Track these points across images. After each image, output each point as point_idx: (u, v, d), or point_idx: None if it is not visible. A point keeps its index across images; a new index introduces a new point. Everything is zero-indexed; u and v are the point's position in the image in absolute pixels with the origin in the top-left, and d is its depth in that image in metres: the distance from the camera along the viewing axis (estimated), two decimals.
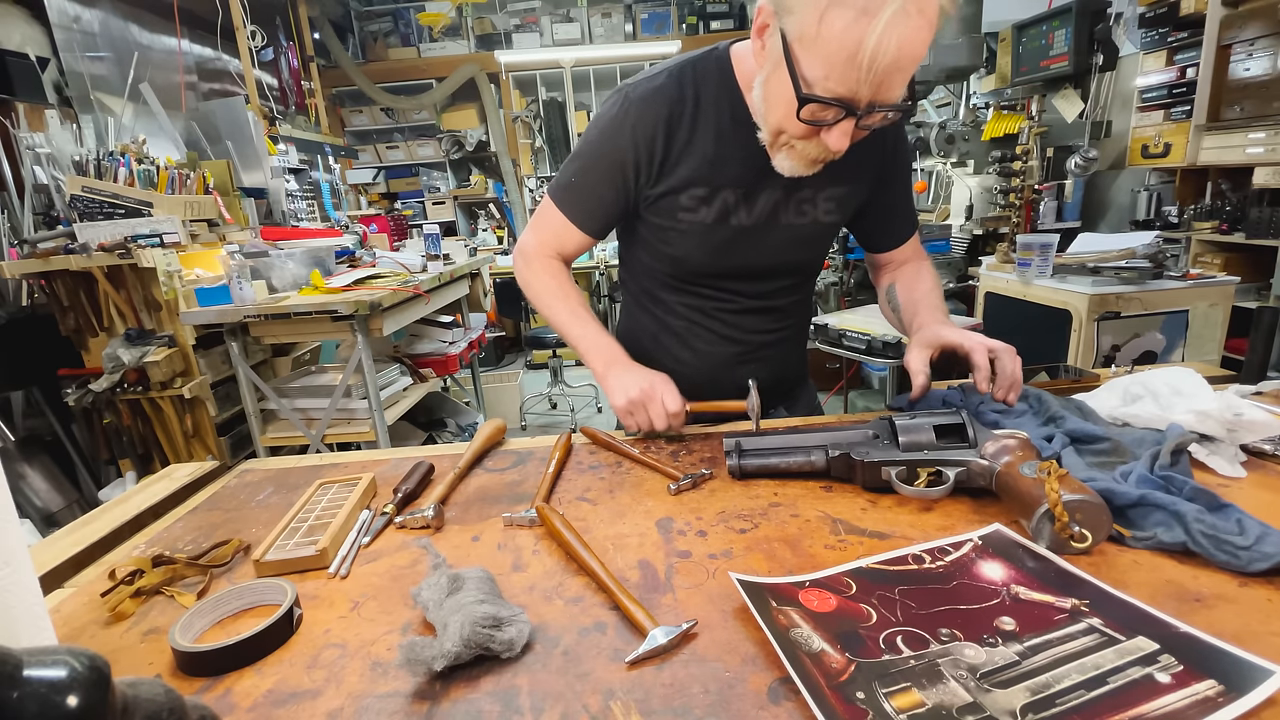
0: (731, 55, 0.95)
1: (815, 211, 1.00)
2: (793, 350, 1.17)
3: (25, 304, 2.71)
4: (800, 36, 0.73)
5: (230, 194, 3.08)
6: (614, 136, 0.96)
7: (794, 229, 1.01)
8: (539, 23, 6.03)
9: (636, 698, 0.47)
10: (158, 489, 0.90)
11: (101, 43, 3.25)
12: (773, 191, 0.97)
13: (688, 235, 1.00)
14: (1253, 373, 0.99)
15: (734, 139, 0.94)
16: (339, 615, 0.60)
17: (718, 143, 0.94)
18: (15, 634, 0.46)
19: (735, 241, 1.00)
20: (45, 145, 2.75)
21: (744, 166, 0.95)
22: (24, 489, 2.57)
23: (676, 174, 0.96)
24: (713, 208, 0.97)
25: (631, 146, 0.95)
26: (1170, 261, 2.48)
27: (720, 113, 0.94)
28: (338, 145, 5.30)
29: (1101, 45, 3.21)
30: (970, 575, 0.58)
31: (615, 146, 0.96)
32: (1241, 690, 0.42)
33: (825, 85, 0.73)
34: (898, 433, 0.77)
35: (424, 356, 3.22)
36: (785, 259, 1.05)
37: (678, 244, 1.01)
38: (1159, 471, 0.67)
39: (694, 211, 0.98)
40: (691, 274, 1.05)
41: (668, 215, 0.99)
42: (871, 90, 0.73)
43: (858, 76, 0.71)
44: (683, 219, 0.98)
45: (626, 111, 0.95)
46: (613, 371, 0.98)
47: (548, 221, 1.05)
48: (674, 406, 0.93)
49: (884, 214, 1.09)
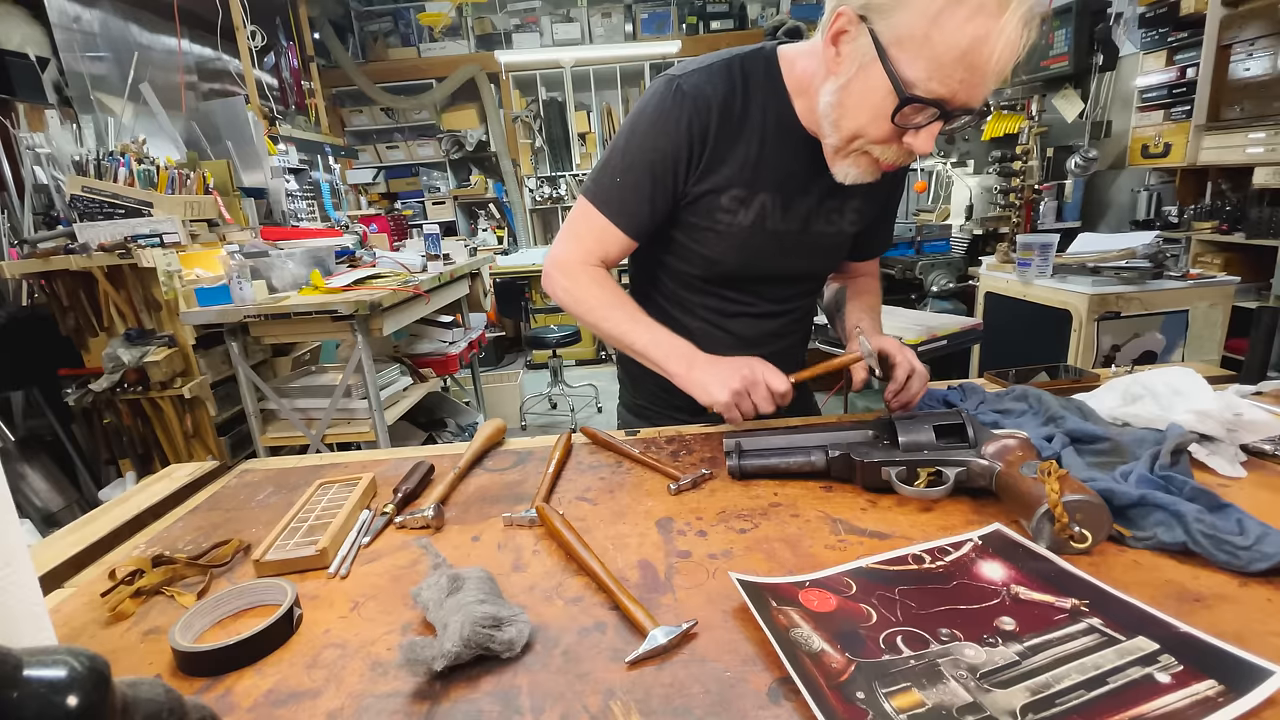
0: (780, 57, 0.93)
1: (842, 221, 1.02)
2: (797, 352, 1.17)
3: (25, 304, 2.71)
4: (902, 38, 0.73)
5: (230, 194, 3.09)
6: (665, 129, 0.90)
7: (823, 236, 1.02)
8: (539, 23, 6.03)
9: (636, 698, 0.47)
10: (158, 489, 0.90)
11: (101, 43, 3.25)
12: (807, 198, 0.97)
13: (724, 237, 0.98)
14: (1253, 373, 0.99)
15: (777, 142, 0.93)
16: (339, 615, 0.60)
17: (761, 145, 0.93)
18: (15, 634, 0.46)
19: (768, 246, 1.00)
20: (45, 145, 2.75)
21: (784, 171, 0.95)
22: (24, 489, 2.57)
23: (720, 173, 0.93)
24: (750, 210, 0.96)
25: (686, 140, 0.90)
26: (1170, 261, 2.48)
27: (766, 114, 0.92)
28: (338, 145, 5.30)
29: (1101, 45, 3.21)
30: (970, 575, 0.58)
31: (666, 140, 0.91)
32: (1241, 690, 0.42)
33: (927, 86, 0.73)
34: (898, 433, 0.77)
35: (424, 356, 3.22)
36: (811, 266, 1.07)
37: (713, 245, 0.99)
38: (1159, 471, 0.67)
39: (733, 213, 0.96)
40: (721, 276, 1.03)
41: (706, 215, 0.96)
42: (968, 92, 0.73)
43: (962, 77, 0.72)
44: (720, 220, 0.96)
45: (680, 104, 0.89)
46: (698, 368, 0.91)
47: (588, 227, 0.97)
48: (781, 386, 0.88)
49: (875, 229, 1.12)
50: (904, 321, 2.48)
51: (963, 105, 0.75)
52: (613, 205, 0.95)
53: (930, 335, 2.27)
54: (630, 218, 0.95)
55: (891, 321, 2.48)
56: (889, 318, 2.56)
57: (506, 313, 4.99)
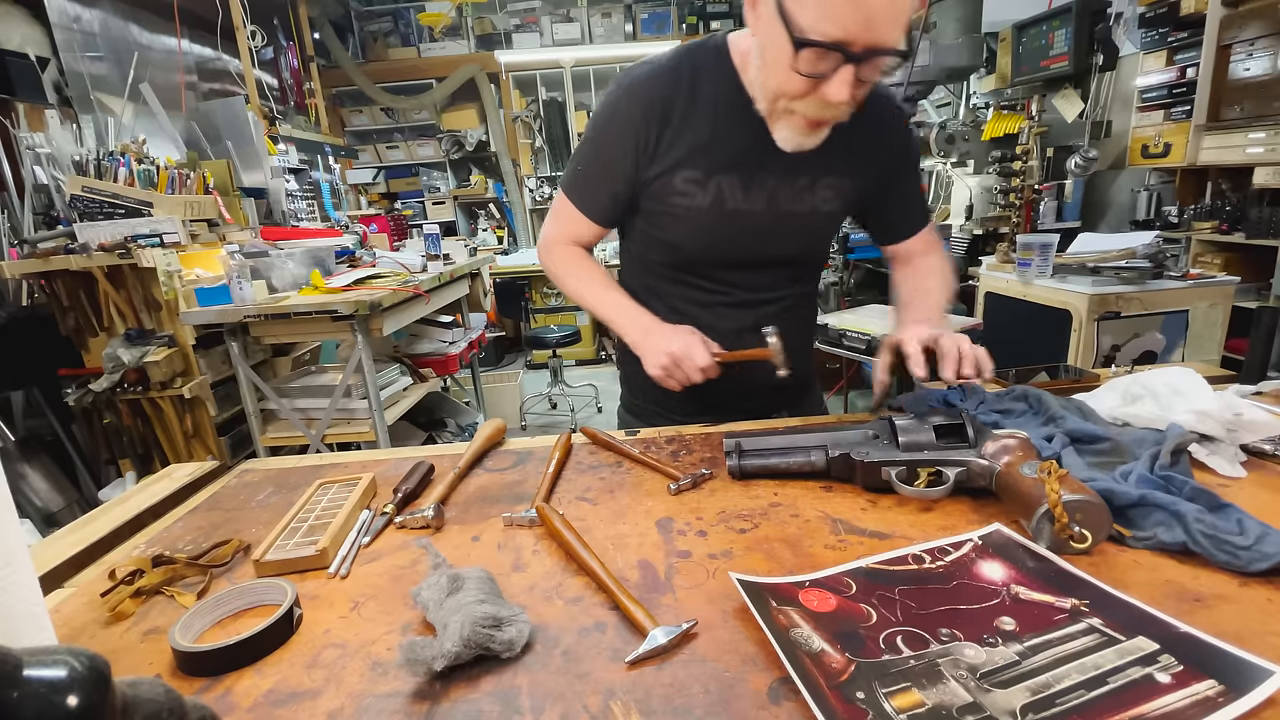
0: (729, 42, 0.96)
1: (814, 199, 1.00)
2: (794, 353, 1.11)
3: (25, 304, 2.71)
4: None
5: (230, 194, 3.09)
6: (612, 123, 0.98)
7: (793, 216, 1.00)
8: (539, 23, 6.03)
9: (636, 698, 0.47)
10: (158, 489, 0.90)
11: (101, 43, 3.25)
12: (770, 177, 0.97)
13: (683, 220, 1.00)
14: (1253, 373, 0.99)
15: (731, 123, 0.95)
16: (339, 615, 0.60)
17: (714, 127, 0.95)
18: (15, 634, 0.46)
19: (731, 227, 1.00)
20: (45, 145, 2.75)
21: (741, 151, 0.95)
22: (24, 489, 2.57)
23: (671, 155, 0.97)
24: (708, 192, 0.97)
25: (630, 131, 0.96)
26: (1170, 261, 2.48)
27: (718, 97, 0.94)
28: (338, 145, 5.30)
29: (1101, 45, 3.21)
30: (970, 575, 0.58)
31: (614, 132, 0.98)
32: (1241, 690, 0.42)
33: (819, 29, 0.74)
34: (897, 433, 0.77)
35: (424, 356, 3.22)
36: (783, 248, 1.05)
37: (673, 229, 1.02)
38: (1159, 471, 0.67)
39: (689, 196, 0.98)
40: (687, 262, 1.05)
41: (662, 199, 1.00)
42: (866, 30, 0.74)
43: (851, 15, 0.73)
44: (677, 203, 0.99)
45: (621, 98, 0.97)
46: (648, 338, 0.98)
47: (562, 213, 1.08)
48: (703, 361, 0.93)
49: (893, 210, 1.10)
50: None
51: (867, 47, 0.75)
52: (578, 194, 1.05)
53: None
54: (593, 205, 1.05)
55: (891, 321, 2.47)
56: (886, 318, 2.55)
57: (506, 313, 4.99)
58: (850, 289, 4.17)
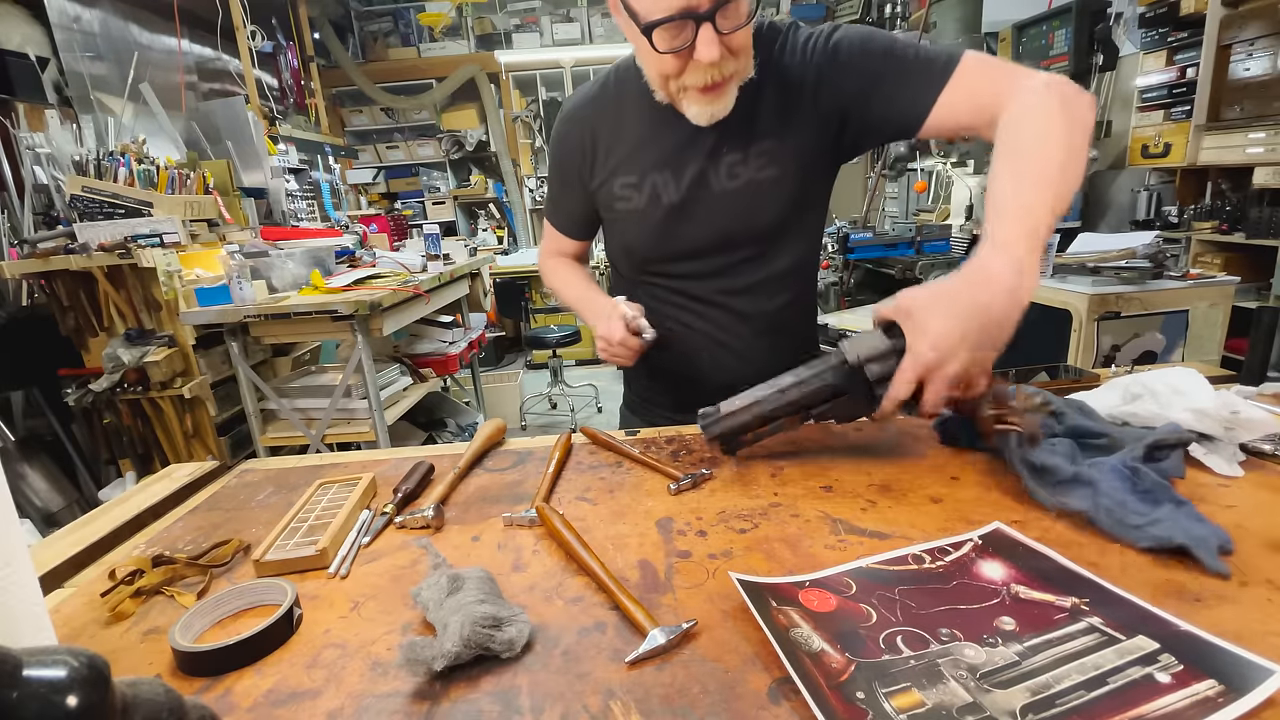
0: None
1: (748, 171, 0.96)
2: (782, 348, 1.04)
3: (25, 304, 2.71)
4: None
5: (230, 194, 3.09)
6: (559, 149, 1.09)
7: (730, 195, 0.97)
8: (539, 23, 6.03)
9: (636, 698, 0.47)
10: (158, 489, 0.90)
11: (101, 43, 3.25)
12: (697, 162, 0.98)
13: (627, 223, 1.05)
14: (1253, 373, 0.99)
15: (655, 125, 0.98)
16: (339, 615, 0.60)
17: (641, 132, 1.00)
18: (15, 634, 0.46)
19: (671, 219, 1.01)
20: (45, 145, 2.75)
21: (667, 146, 0.98)
22: (24, 489, 2.57)
23: (608, 166, 1.03)
24: (644, 193, 1.01)
25: (573, 152, 1.06)
26: (1170, 261, 2.48)
27: (641, 105, 0.98)
28: (338, 145, 5.30)
29: (1101, 45, 3.21)
30: (970, 575, 0.58)
31: (562, 158, 1.08)
32: (1241, 690, 0.42)
33: (658, 8, 0.77)
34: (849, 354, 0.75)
35: (424, 356, 3.22)
36: (729, 227, 0.99)
37: (623, 232, 1.07)
38: (1130, 463, 0.67)
39: (628, 200, 1.03)
40: (644, 261, 1.08)
41: (608, 207, 1.06)
42: None
43: None
44: (620, 208, 1.04)
45: (560, 125, 1.08)
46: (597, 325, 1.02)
47: (548, 231, 1.21)
48: (616, 336, 0.97)
49: (884, 102, 0.89)
50: None
51: (711, 1, 0.77)
52: (552, 216, 1.19)
53: None
54: (564, 223, 1.17)
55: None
56: None
57: (506, 313, 4.99)
58: (850, 289, 4.16)
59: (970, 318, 0.65)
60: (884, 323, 0.73)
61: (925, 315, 0.67)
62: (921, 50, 0.87)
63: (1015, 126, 0.75)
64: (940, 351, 0.65)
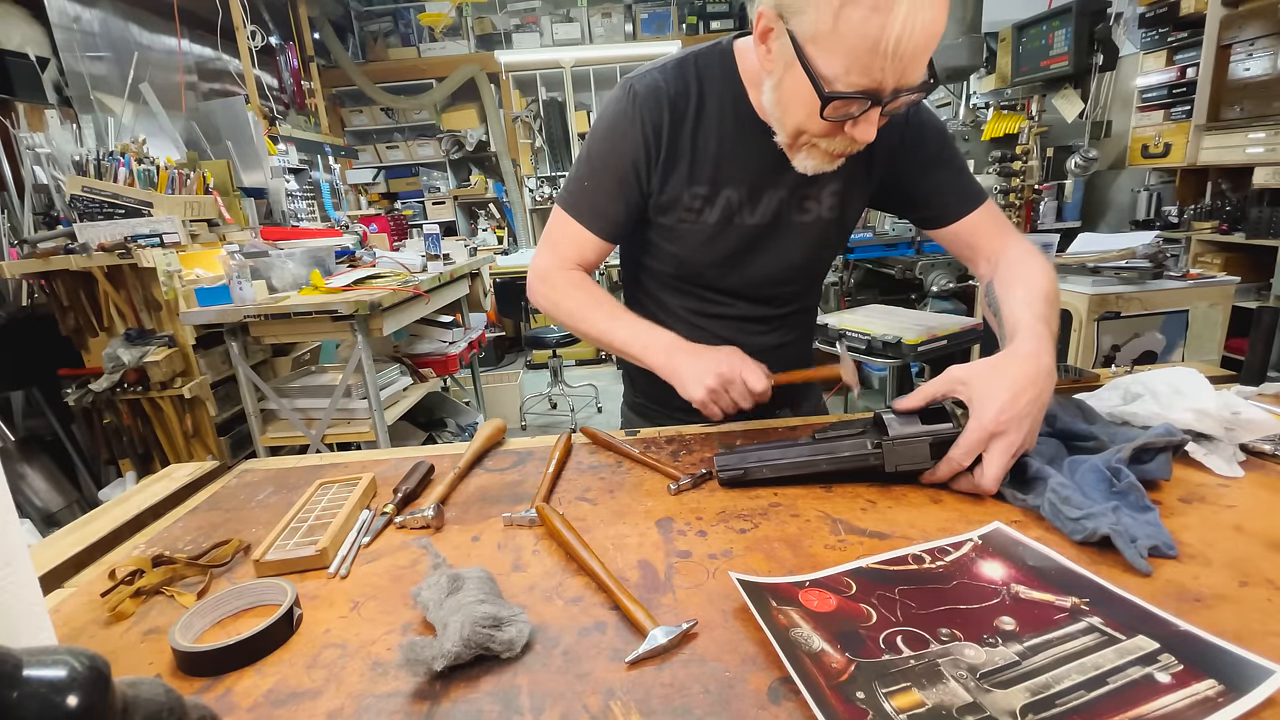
0: (735, 50, 0.94)
1: (819, 208, 0.98)
2: (796, 357, 1.13)
3: (25, 304, 2.71)
4: (814, 36, 0.72)
5: (230, 194, 3.09)
6: (622, 130, 0.92)
7: (801, 227, 0.99)
8: (539, 23, 6.03)
9: (636, 698, 0.47)
10: (158, 489, 0.90)
11: (101, 43, 3.25)
12: (777, 190, 0.95)
13: (691, 235, 0.98)
14: (1253, 373, 0.99)
15: (737, 137, 0.92)
16: (339, 615, 0.60)
17: (720, 140, 0.93)
18: (15, 634, 0.46)
19: (741, 242, 0.98)
20: (45, 145, 2.75)
21: (747, 165, 0.93)
22: (24, 489, 2.58)
23: (679, 170, 0.94)
24: (716, 208, 0.95)
25: (642, 139, 0.92)
26: (1170, 261, 2.48)
27: (724, 109, 0.92)
28: (338, 145, 5.29)
29: (1101, 45, 3.21)
30: (970, 575, 0.58)
31: (624, 141, 0.92)
32: (1241, 690, 0.42)
33: (847, 80, 0.72)
34: (886, 428, 0.76)
35: (424, 356, 3.22)
36: (792, 260, 1.02)
37: (681, 244, 0.99)
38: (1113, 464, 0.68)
39: (698, 211, 0.95)
40: (695, 275, 1.03)
41: (671, 214, 0.97)
42: (896, 77, 0.71)
43: (882, 66, 0.70)
44: (685, 219, 0.96)
45: (634, 104, 0.91)
46: (677, 361, 0.90)
47: (563, 234, 0.99)
48: (759, 385, 0.86)
49: (928, 191, 0.99)
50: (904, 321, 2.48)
51: (898, 88, 0.73)
52: (584, 210, 0.98)
53: (930, 335, 2.27)
54: (601, 220, 0.98)
55: (891, 321, 2.47)
56: (886, 318, 2.55)
57: (506, 313, 4.98)
58: (850, 289, 4.16)
59: (1024, 389, 0.71)
60: (932, 403, 0.77)
61: (986, 385, 0.72)
62: (967, 166, 1.01)
63: (1022, 263, 0.91)
64: (1006, 419, 0.70)
